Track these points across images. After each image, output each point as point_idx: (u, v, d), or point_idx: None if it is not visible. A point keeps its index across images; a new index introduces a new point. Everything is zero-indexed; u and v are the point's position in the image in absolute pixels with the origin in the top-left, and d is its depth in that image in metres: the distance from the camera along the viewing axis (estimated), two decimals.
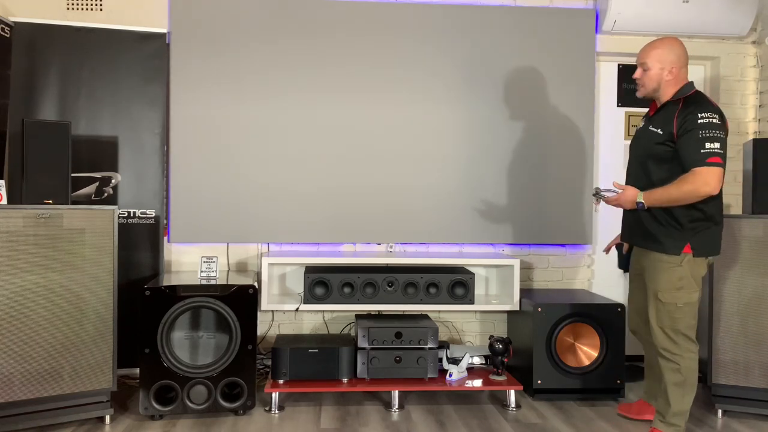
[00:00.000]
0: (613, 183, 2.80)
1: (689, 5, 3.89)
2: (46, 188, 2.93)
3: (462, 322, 4.01)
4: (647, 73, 2.74)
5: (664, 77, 2.72)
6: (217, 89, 3.76)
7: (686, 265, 2.67)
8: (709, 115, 2.58)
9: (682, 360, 2.72)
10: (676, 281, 2.68)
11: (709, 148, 2.54)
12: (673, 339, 2.72)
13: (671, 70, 2.71)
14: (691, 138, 2.57)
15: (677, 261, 2.67)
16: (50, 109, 3.52)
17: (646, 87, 2.77)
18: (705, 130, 2.56)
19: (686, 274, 2.68)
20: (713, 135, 2.55)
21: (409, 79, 3.87)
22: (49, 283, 2.82)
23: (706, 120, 2.57)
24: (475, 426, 3.04)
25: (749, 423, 3.10)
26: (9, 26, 3.43)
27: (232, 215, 3.77)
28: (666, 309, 2.71)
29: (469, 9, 3.90)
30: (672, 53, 2.71)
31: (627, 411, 3.16)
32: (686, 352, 2.72)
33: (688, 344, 2.73)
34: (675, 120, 2.63)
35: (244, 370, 3.10)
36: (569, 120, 3.96)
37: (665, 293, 2.70)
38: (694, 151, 2.56)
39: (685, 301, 2.69)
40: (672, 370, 2.74)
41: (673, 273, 2.68)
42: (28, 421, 2.80)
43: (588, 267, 4.11)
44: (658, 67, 2.72)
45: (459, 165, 3.89)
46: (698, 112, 2.59)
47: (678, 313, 2.70)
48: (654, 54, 2.73)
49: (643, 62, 2.75)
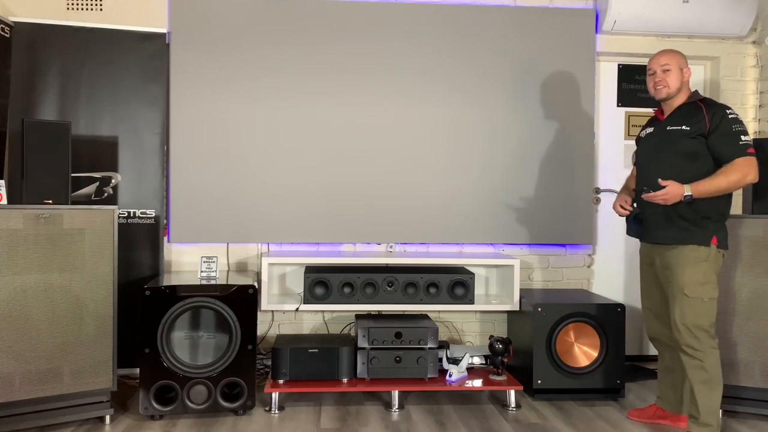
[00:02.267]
0: (658, 180, 2.76)
1: (689, 5, 3.89)
2: (46, 188, 2.93)
3: (462, 322, 4.01)
4: (670, 74, 2.86)
5: (685, 76, 2.88)
6: (217, 89, 3.76)
7: (711, 260, 2.76)
8: (733, 112, 2.77)
9: (705, 357, 2.75)
10: (701, 276, 2.75)
11: (744, 140, 2.71)
12: (697, 335, 2.75)
13: (686, 72, 2.89)
14: (727, 133, 2.72)
15: (704, 255, 2.75)
16: (50, 109, 3.52)
17: (671, 87, 2.86)
18: (737, 124, 2.73)
19: (711, 269, 2.77)
20: (743, 129, 2.74)
21: (409, 79, 3.86)
22: (49, 283, 2.82)
23: (734, 116, 2.75)
24: (475, 426, 3.04)
25: (749, 423, 3.10)
26: (9, 26, 3.43)
27: (232, 215, 3.77)
28: (692, 304, 2.75)
29: (469, 9, 3.90)
30: (682, 58, 2.89)
31: (639, 416, 3.12)
32: (709, 348, 2.76)
33: (709, 341, 2.77)
34: (706, 117, 2.75)
35: (244, 370, 3.09)
36: (569, 120, 3.96)
37: (692, 288, 2.75)
38: (732, 143, 2.71)
39: (710, 296, 2.76)
40: (696, 367, 2.76)
41: (698, 268, 2.75)
42: (28, 421, 2.80)
43: (588, 267, 4.11)
44: (677, 67, 2.86)
45: (459, 165, 3.89)
46: (725, 110, 2.77)
47: (703, 308, 2.75)
48: (674, 57, 2.88)
49: (665, 64, 2.86)
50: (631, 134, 4.18)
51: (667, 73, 2.85)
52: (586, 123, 3.97)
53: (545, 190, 3.94)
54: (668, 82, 2.85)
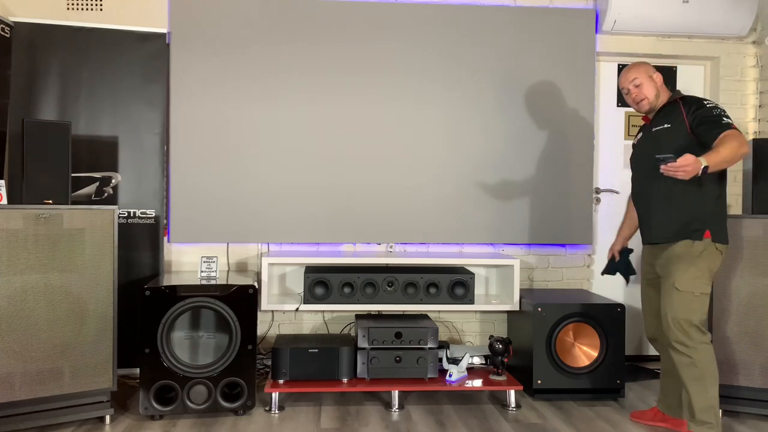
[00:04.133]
0: (674, 160, 2.72)
1: (689, 5, 3.89)
2: (46, 188, 2.93)
3: (462, 322, 4.01)
4: (642, 87, 2.91)
5: (657, 82, 2.92)
6: (218, 89, 3.76)
7: (705, 255, 2.75)
8: (711, 102, 2.79)
9: (695, 352, 2.72)
10: (694, 270, 2.74)
11: (726, 120, 2.70)
12: (687, 331, 2.73)
13: (657, 77, 2.93)
14: (708, 118, 2.72)
15: (698, 250, 2.74)
16: (50, 109, 3.52)
17: (649, 97, 2.91)
18: (716, 109, 2.75)
19: (703, 265, 2.75)
20: (723, 112, 2.74)
21: (408, 79, 3.87)
22: (49, 283, 2.82)
23: (713, 104, 2.77)
24: (475, 426, 3.04)
25: (749, 423, 3.10)
26: (9, 26, 3.43)
27: (232, 215, 3.77)
28: (682, 298, 2.74)
29: (469, 9, 3.91)
30: (648, 66, 2.95)
31: (640, 417, 3.12)
32: (699, 344, 2.73)
33: (700, 336, 2.74)
34: (685, 117, 2.78)
35: (244, 370, 3.10)
36: (569, 120, 3.96)
37: (683, 281, 2.74)
38: (714, 125, 2.70)
39: (701, 291, 2.74)
40: (687, 365, 2.74)
41: (691, 262, 2.75)
42: (28, 421, 2.80)
43: (588, 267, 4.12)
44: (647, 77, 2.91)
45: (459, 165, 3.89)
46: (702, 101, 2.80)
47: (694, 303, 2.73)
48: (640, 68, 2.93)
49: (634, 78, 2.91)
50: (631, 134, 4.18)
51: (639, 87, 2.90)
52: (586, 123, 3.97)
53: (545, 190, 3.95)
54: (645, 94, 2.90)
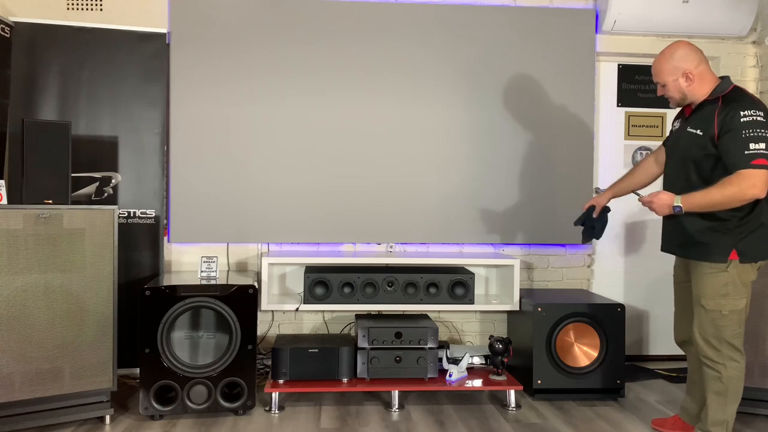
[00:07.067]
0: (640, 196, 2.67)
1: (689, 5, 3.89)
2: (46, 188, 2.93)
3: (462, 322, 4.01)
4: (667, 88, 2.68)
5: (683, 85, 2.62)
6: (218, 89, 3.76)
7: (733, 270, 2.54)
8: (753, 113, 2.44)
9: (723, 369, 2.59)
10: (720, 287, 2.55)
11: (753, 149, 2.39)
12: (716, 347, 2.60)
13: (687, 76, 2.61)
14: (735, 138, 2.43)
15: (723, 267, 2.54)
16: (50, 109, 3.52)
17: (674, 99, 2.69)
18: (748, 129, 2.42)
19: (732, 280, 2.54)
20: (758, 134, 2.41)
21: (408, 79, 3.86)
22: (49, 283, 2.82)
23: (750, 118, 2.43)
24: (475, 426, 3.04)
25: (749, 423, 3.10)
26: (9, 26, 3.43)
27: (232, 215, 3.77)
28: (710, 317, 2.58)
29: (469, 9, 3.90)
30: (677, 60, 2.63)
31: (661, 425, 3.03)
32: (729, 360, 2.59)
33: (731, 353, 2.60)
34: (715, 120, 2.50)
35: (244, 370, 3.10)
36: (569, 120, 3.96)
37: (709, 300, 2.57)
38: (737, 152, 2.42)
39: (730, 309, 2.56)
40: (713, 378, 2.62)
41: (717, 279, 2.55)
42: (28, 421, 2.80)
43: (588, 267, 4.12)
44: (671, 80, 2.64)
45: (459, 165, 3.89)
46: (740, 110, 2.45)
47: (723, 321, 2.57)
48: (663, 70, 2.66)
49: (658, 81, 2.69)
50: (631, 134, 4.18)
51: (664, 87, 2.68)
52: (586, 123, 3.97)
53: (545, 189, 3.95)
54: (670, 95, 2.69)
